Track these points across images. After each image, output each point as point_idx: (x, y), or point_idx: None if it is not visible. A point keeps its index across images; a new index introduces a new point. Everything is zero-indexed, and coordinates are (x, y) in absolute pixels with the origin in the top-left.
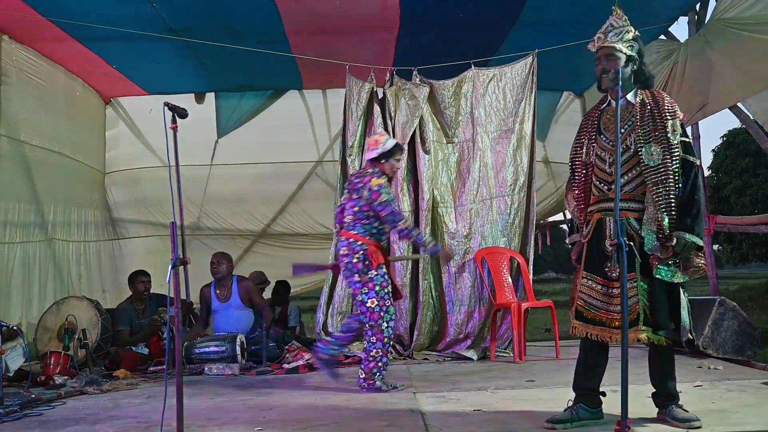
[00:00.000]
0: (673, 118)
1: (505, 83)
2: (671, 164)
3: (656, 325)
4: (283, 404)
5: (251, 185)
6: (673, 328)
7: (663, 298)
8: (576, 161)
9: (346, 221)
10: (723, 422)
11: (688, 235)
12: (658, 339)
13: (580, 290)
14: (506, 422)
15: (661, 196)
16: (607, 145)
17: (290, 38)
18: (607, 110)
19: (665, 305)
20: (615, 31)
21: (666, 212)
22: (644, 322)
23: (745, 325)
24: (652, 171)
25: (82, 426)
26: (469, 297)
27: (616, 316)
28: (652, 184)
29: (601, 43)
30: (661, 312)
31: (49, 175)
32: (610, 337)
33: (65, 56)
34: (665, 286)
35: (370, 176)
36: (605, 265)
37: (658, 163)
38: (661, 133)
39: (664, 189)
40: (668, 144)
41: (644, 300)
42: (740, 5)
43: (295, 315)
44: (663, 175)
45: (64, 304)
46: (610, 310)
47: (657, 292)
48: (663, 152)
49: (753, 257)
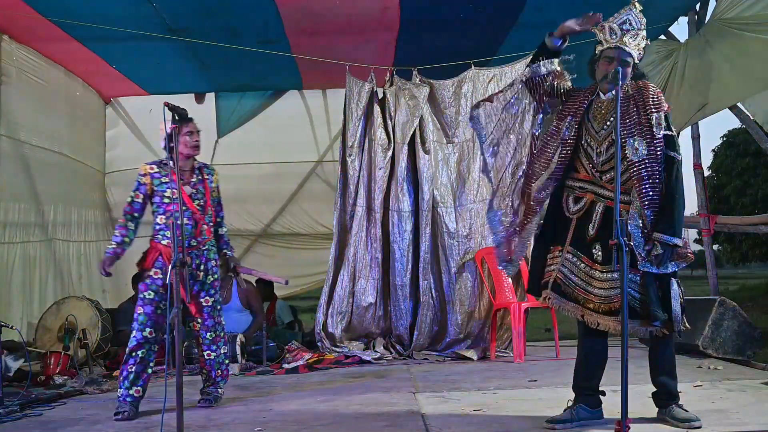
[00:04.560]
0: (657, 110)
1: (505, 83)
2: (656, 159)
3: (648, 316)
4: (283, 404)
5: (251, 185)
6: (666, 318)
7: (654, 289)
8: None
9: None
10: (723, 422)
11: (667, 237)
12: (660, 330)
13: (562, 264)
14: (506, 422)
15: (645, 192)
16: (594, 134)
17: (290, 38)
18: (596, 100)
19: (657, 295)
20: (632, 33)
21: (649, 208)
22: (632, 314)
23: (745, 325)
24: (636, 165)
25: (82, 426)
26: (469, 297)
27: (593, 298)
28: (636, 180)
29: (618, 43)
30: (652, 303)
31: (49, 175)
32: (582, 315)
33: (65, 56)
34: (655, 277)
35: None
36: (593, 248)
37: (643, 158)
38: (645, 126)
39: (649, 184)
40: (652, 138)
41: (634, 292)
42: (740, 5)
43: (286, 310)
44: (647, 170)
45: (64, 304)
46: (587, 291)
47: (648, 283)
48: (648, 147)
49: (753, 257)
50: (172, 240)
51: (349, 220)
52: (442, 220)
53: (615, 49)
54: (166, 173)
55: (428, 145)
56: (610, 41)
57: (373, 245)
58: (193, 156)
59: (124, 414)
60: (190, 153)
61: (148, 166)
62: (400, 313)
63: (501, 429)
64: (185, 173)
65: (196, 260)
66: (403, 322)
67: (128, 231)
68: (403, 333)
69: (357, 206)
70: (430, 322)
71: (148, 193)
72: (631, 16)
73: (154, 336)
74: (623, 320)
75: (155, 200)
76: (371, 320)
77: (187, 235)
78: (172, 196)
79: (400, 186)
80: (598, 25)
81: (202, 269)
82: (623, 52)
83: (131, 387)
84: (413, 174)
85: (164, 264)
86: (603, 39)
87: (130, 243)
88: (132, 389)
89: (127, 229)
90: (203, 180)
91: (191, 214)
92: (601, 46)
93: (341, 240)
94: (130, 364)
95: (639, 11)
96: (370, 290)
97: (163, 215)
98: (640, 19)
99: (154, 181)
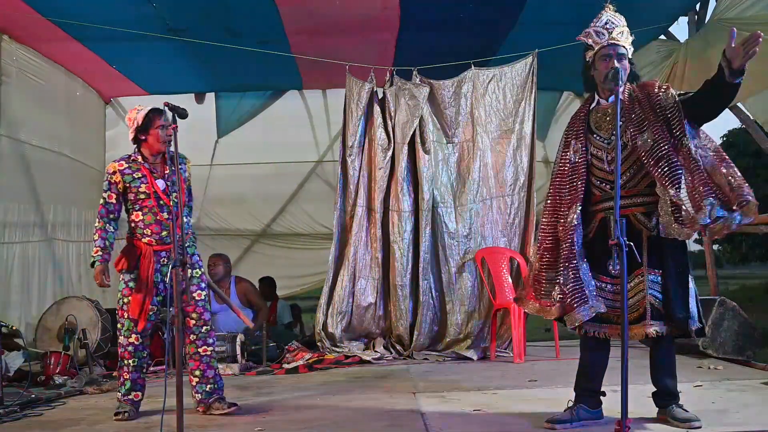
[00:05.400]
0: (667, 89)
1: (505, 83)
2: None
3: (669, 316)
4: (283, 404)
5: (251, 185)
6: (686, 317)
7: (676, 287)
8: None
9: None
10: (723, 422)
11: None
12: (669, 330)
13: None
14: (506, 422)
15: (665, 172)
16: (602, 143)
17: (290, 38)
18: (596, 109)
19: (678, 294)
20: (618, 29)
21: (673, 186)
22: (653, 316)
23: (745, 325)
24: (649, 152)
25: (82, 426)
26: (469, 297)
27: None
28: (653, 165)
29: (611, 40)
30: (674, 302)
31: (49, 175)
32: (618, 334)
33: (65, 56)
34: (677, 274)
35: None
36: (609, 264)
37: (652, 143)
38: (652, 116)
39: (666, 164)
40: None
41: (655, 293)
42: (740, 5)
43: (287, 311)
44: (661, 151)
45: (64, 304)
46: (616, 308)
47: (670, 282)
48: (654, 133)
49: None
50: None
51: (349, 220)
52: (442, 220)
53: (609, 46)
54: (137, 168)
55: (428, 145)
56: (601, 41)
57: (373, 245)
58: (163, 152)
59: (125, 415)
60: (160, 149)
61: (117, 163)
62: (400, 313)
63: (501, 429)
64: (157, 166)
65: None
66: (403, 322)
67: (108, 234)
68: (403, 333)
69: (357, 206)
70: (430, 322)
71: (120, 191)
72: (609, 16)
73: (141, 341)
74: (624, 320)
75: (129, 197)
76: (371, 320)
77: (168, 231)
78: (147, 192)
79: (400, 186)
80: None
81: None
82: (618, 47)
83: (129, 393)
84: (413, 174)
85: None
86: (593, 42)
87: (112, 246)
88: (131, 394)
89: (107, 231)
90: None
91: (168, 209)
92: (593, 50)
93: (341, 240)
94: (125, 372)
95: (614, 11)
96: (370, 290)
97: (140, 212)
98: (619, 17)
99: (125, 178)
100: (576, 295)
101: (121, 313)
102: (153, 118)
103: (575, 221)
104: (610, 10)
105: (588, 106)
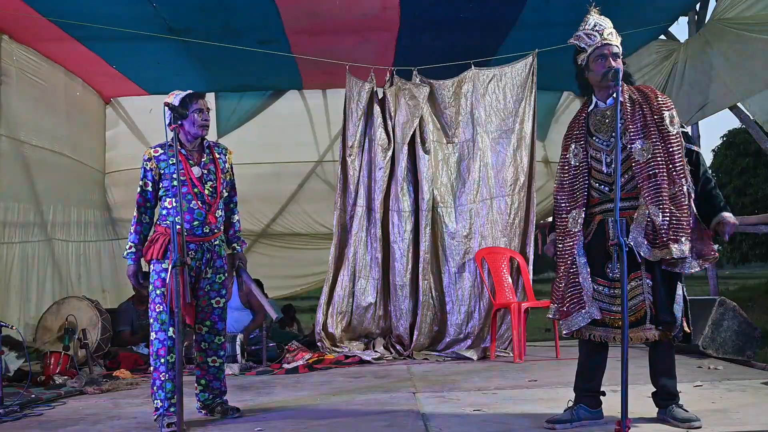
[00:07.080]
0: (668, 109)
1: (505, 83)
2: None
3: (657, 319)
4: (283, 404)
5: (251, 185)
6: (672, 321)
7: (663, 291)
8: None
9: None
10: (723, 422)
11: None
12: (663, 334)
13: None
14: (506, 422)
15: (650, 188)
16: (601, 146)
17: (290, 38)
18: (595, 112)
19: (664, 299)
20: (608, 30)
21: (656, 205)
22: (651, 319)
23: (745, 325)
24: (642, 166)
25: (82, 426)
26: (469, 297)
27: (618, 317)
28: (644, 178)
29: (604, 41)
30: (660, 306)
31: (49, 175)
32: (614, 337)
33: (65, 56)
34: (665, 280)
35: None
36: (606, 266)
37: (648, 157)
38: (652, 127)
39: (655, 182)
40: (666, 134)
41: (650, 296)
42: (740, 5)
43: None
44: (654, 169)
45: (64, 304)
46: (612, 311)
47: (658, 286)
48: (653, 147)
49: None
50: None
51: (349, 220)
52: (442, 220)
53: (603, 47)
54: (173, 154)
55: (428, 145)
56: (594, 42)
57: (373, 245)
58: (201, 136)
59: (174, 427)
60: (197, 133)
61: (153, 149)
62: (400, 313)
63: (501, 429)
64: (193, 153)
65: (207, 254)
66: (403, 322)
67: (143, 226)
68: (403, 333)
69: (357, 206)
70: (430, 322)
71: (156, 179)
72: (596, 19)
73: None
74: (624, 320)
75: (164, 184)
76: (371, 320)
77: (200, 221)
78: (183, 178)
79: (400, 186)
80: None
81: (212, 267)
82: (611, 46)
83: (172, 396)
84: (413, 174)
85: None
86: (585, 44)
87: (147, 238)
88: (174, 398)
89: (142, 224)
90: (214, 160)
91: (203, 197)
92: (586, 52)
93: (341, 240)
94: (162, 372)
95: (599, 14)
96: (370, 290)
97: (173, 198)
98: (605, 20)
99: (161, 164)
100: (573, 301)
101: (154, 306)
102: (190, 101)
103: (577, 227)
104: (596, 13)
105: (586, 109)
